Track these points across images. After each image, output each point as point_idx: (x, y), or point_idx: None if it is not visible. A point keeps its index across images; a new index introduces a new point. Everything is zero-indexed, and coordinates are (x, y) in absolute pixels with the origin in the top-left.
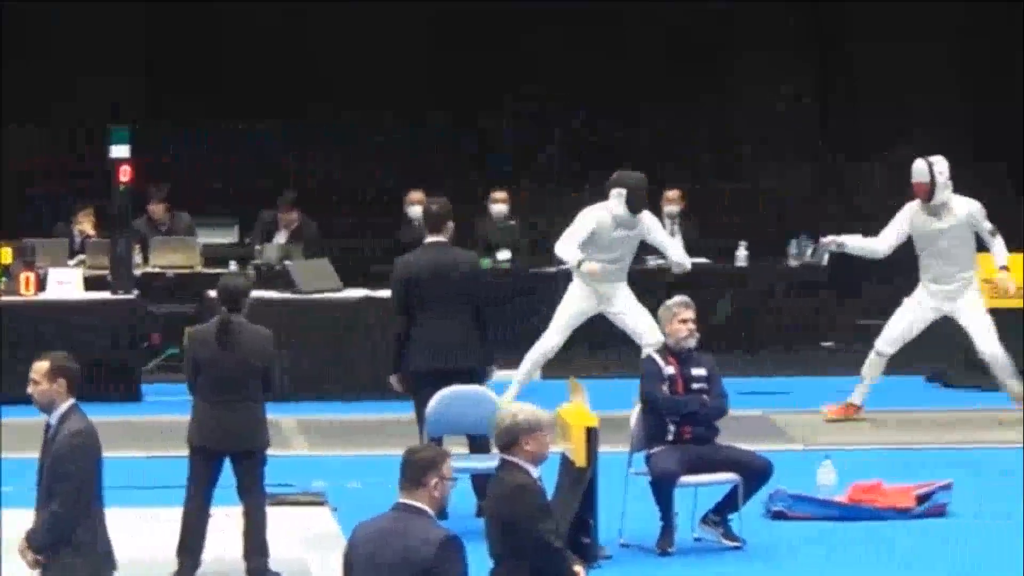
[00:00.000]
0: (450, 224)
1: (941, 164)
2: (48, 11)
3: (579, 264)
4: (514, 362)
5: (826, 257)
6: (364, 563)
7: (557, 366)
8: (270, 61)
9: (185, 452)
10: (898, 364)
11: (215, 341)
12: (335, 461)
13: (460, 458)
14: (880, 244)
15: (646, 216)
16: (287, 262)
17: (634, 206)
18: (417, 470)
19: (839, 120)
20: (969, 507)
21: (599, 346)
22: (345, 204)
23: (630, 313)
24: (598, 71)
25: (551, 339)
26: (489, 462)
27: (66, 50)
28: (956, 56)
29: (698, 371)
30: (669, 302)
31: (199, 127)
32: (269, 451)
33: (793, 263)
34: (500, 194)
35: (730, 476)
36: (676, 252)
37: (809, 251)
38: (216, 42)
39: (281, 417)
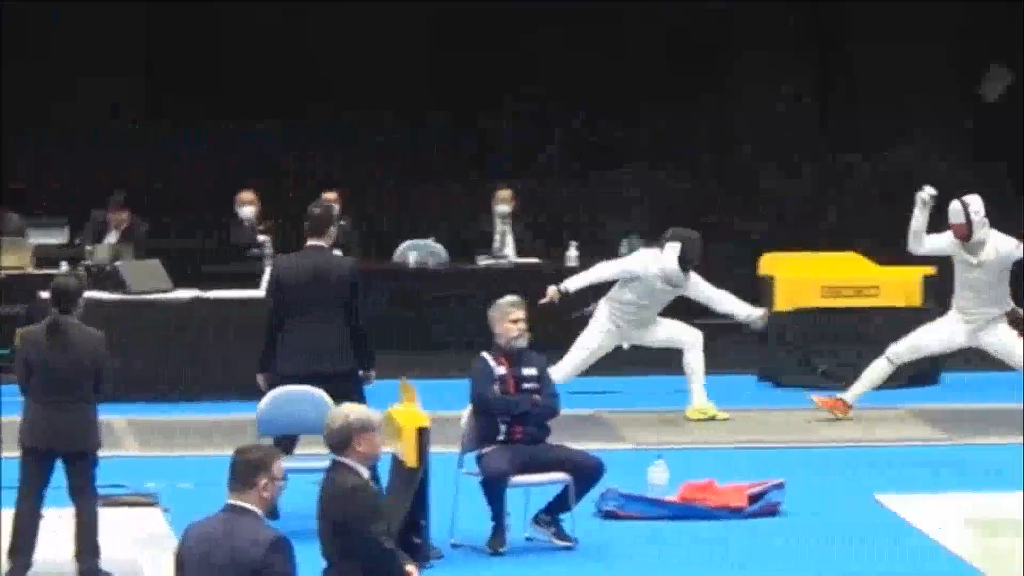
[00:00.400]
0: (332, 229)
1: (976, 203)
2: (48, 11)
3: (560, 288)
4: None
5: None
6: (195, 564)
7: (387, 367)
8: (270, 61)
9: (17, 453)
10: (729, 364)
11: (46, 342)
12: (166, 462)
13: (291, 458)
14: (922, 242)
15: (693, 275)
16: (117, 263)
17: (686, 262)
18: (246, 470)
19: (839, 120)
20: (802, 506)
21: (430, 346)
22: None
23: (662, 332)
24: (598, 71)
25: (560, 373)
26: (322, 463)
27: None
28: (956, 56)
29: (529, 371)
30: (501, 301)
31: (199, 127)
32: (101, 452)
33: None
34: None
35: (561, 476)
36: (740, 308)
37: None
38: (216, 42)
39: (112, 417)
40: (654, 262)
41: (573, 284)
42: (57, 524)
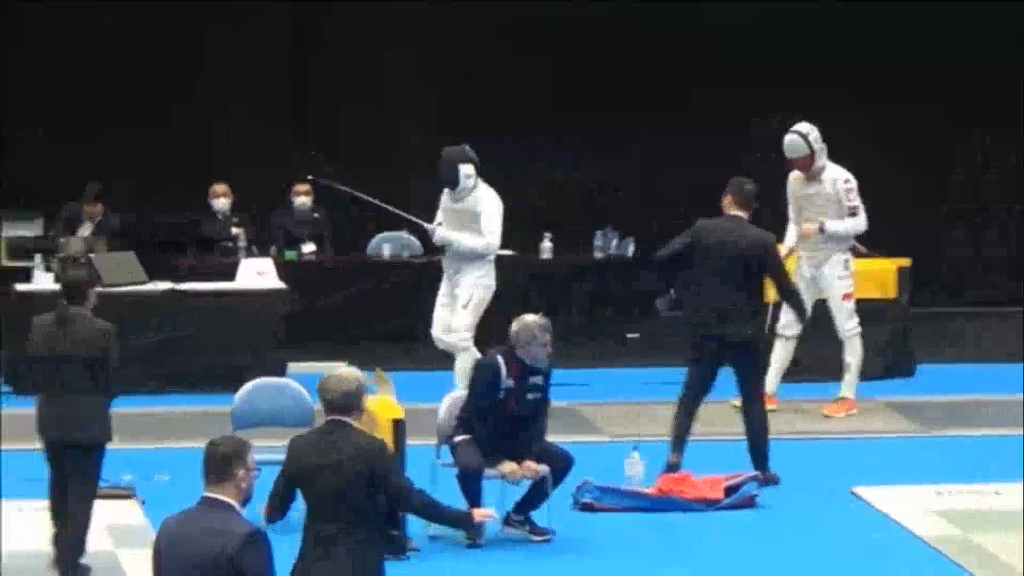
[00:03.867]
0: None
1: (813, 131)
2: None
3: None
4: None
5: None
6: (172, 557)
7: (363, 358)
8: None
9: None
10: None
11: (52, 333)
12: (143, 454)
13: (263, 450)
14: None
15: None
16: (91, 255)
17: None
18: (221, 463)
19: None
20: (778, 499)
21: (406, 337)
22: None
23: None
24: None
25: None
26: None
27: None
28: None
29: (535, 379)
30: (529, 322)
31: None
32: None
33: (599, 255)
34: (302, 186)
35: (539, 467)
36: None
37: (615, 243)
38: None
39: None
40: None
41: None
42: (37, 517)
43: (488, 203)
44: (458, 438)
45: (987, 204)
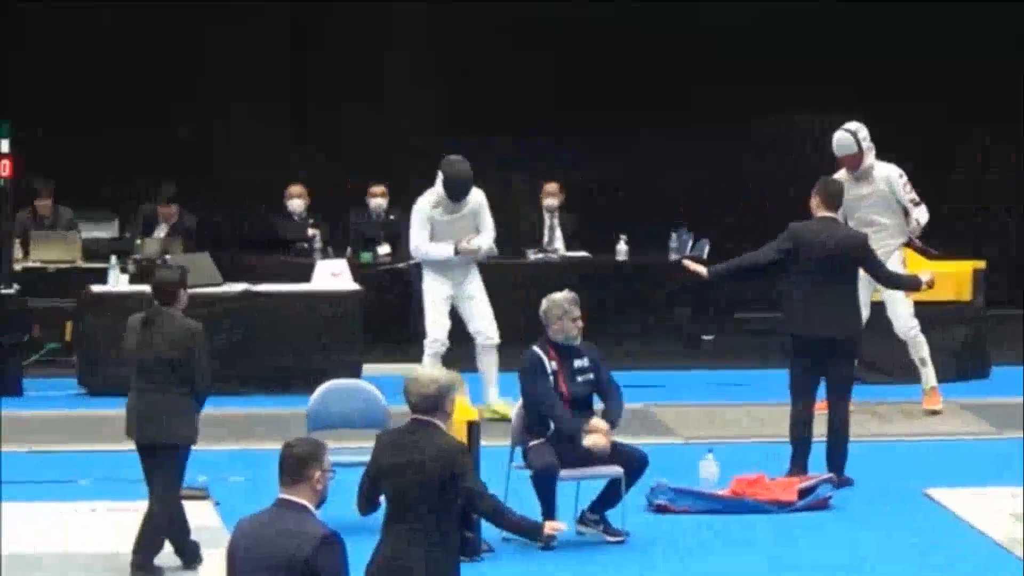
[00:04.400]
0: None
1: (862, 130)
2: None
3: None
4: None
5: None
6: (246, 558)
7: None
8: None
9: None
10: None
11: (140, 333)
12: (217, 455)
13: (338, 452)
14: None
15: None
16: (167, 256)
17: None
18: (296, 464)
19: None
20: (852, 501)
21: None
22: None
23: None
24: None
25: None
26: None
27: None
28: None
29: (580, 362)
30: (557, 298)
31: None
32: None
33: (674, 256)
34: (377, 188)
35: (612, 469)
36: None
37: (690, 244)
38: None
39: None
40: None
41: None
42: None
43: (482, 198)
44: (532, 442)
45: (987, 204)
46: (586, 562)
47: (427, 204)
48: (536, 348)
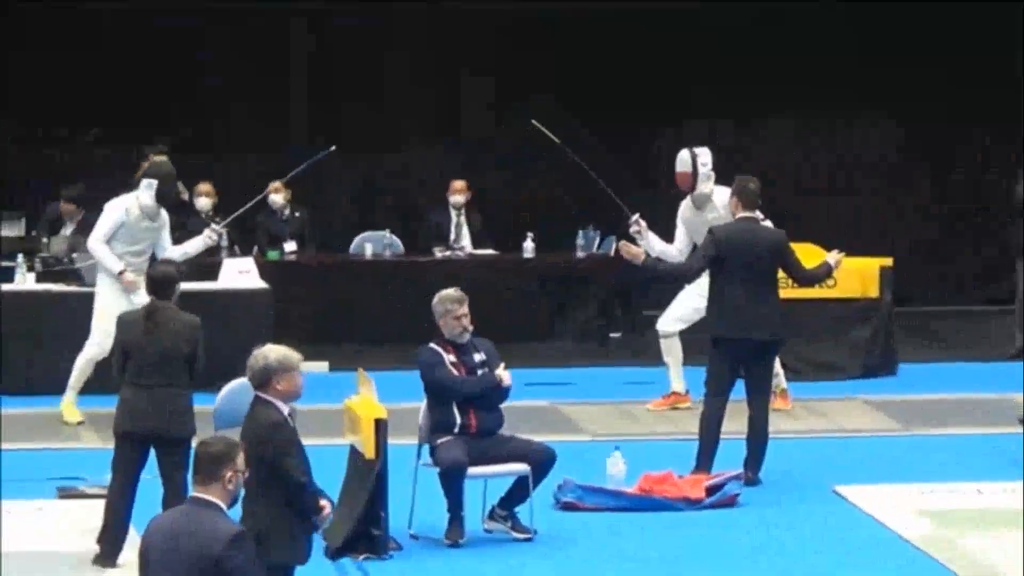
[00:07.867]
0: None
1: (705, 155)
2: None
3: None
4: None
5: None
6: (158, 557)
7: (345, 359)
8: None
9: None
10: (690, 354)
11: (141, 327)
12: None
13: None
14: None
15: None
16: (74, 255)
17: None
18: (210, 463)
19: None
20: (760, 497)
21: (387, 339)
22: None
23: None
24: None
25: None
26: None
27: None
28: None
29: (478, 356)
30: (443, 296)
31: None
32: (60, 444)
33: (580, 254)
34: (275, 184)
35: (520, 467)
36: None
37: (597, 242)
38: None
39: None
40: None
41: None
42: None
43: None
44: (440, 439)
45: (987, 204)
46: (493, 559)
47: (134, 211)
48: (432, 344)
